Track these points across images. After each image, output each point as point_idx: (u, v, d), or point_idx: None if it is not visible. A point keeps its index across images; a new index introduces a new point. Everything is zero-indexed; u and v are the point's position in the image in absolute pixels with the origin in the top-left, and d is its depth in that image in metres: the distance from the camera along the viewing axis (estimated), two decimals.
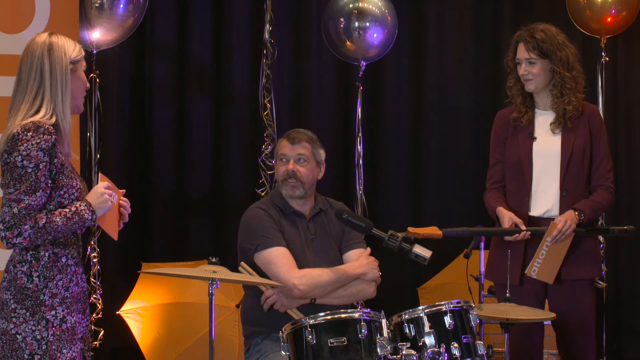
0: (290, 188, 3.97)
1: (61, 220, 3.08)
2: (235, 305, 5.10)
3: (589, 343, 4.11)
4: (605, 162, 4.11)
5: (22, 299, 3.11)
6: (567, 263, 4.02)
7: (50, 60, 3.17)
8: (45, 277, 3.13)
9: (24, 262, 3.13)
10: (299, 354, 3.30)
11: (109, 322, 5.46)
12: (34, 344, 3.10)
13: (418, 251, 3.64)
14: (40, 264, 3.13)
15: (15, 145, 3.07)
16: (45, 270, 3.13)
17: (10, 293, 3.12)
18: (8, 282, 3.14)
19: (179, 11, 6.15)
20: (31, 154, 3.07)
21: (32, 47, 3.20)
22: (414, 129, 6.49)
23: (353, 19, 5.59)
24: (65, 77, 3.18)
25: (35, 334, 3.10)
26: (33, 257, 3.13)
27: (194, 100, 6.17)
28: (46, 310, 3.12)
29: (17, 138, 3.08)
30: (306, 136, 4.03)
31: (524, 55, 4.10)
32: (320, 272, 3.86)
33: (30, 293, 3.11)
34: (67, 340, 3.15)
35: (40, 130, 3.08)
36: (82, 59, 3.26)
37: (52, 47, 3.18)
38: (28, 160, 3.06)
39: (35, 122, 3.10)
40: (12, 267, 3.15)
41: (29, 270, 3.12)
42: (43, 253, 3.14)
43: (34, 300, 3.11)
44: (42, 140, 3.08)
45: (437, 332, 3.36)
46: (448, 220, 4.45)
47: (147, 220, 6.07)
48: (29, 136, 3.07)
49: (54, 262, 3.15)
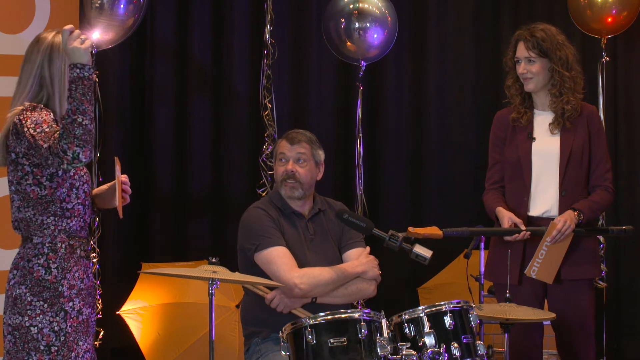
0: (289, 188, 3.97)
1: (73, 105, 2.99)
2: (235, 305, 5.10)
3: (588, 343, 4.11)
4: (604, 162, 4.11)
5: (39, 291, 3.12)
6: (567, 263, 4.02)
7: (50, 70, 3.18)
8: (63, 269, 3.15)
9: (41, 255, 3.15)
10: (299, 354, 3.30)
11: (109, 322, 5.46)
12: (52, 335, 3.11)
13: (419, 251, 3.64)
14: (58, 255, 3.15)
15: (22, 125, 3.08)
16: (63, 261, 3.16)
17: (26, 287, 3.13)
18: (22, 276, 3.15)
19: (179, 11, 6.15)
20: (38, 121, 3.06)
21: (34, 53, 3.19)
22: (414, 129, 6.48)
23: (353, 19, 5.60)
24: (65, 86, 3.18)
25: (53, 325, 3.12)
26: (50, 250, 3.15)
27: (194, 100, 6.17)
28: (65, 301, 3.14)
29: (20, 119, 3.09)
30: (305, 137, 4.04)
31: (523, 53, 4.11)
32: (320, 271, 3.86)
33: (49, 284, 3.13)
34: (83, 332, 3.18)
35: (38, 108, 3.12)
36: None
37: (53, 55, 3.18)
38: (41, 119, 3.06)
39: (30, 104, 3.12)
40: (26, 262, 3.16)
41: (46, 263, 3.14)
42: (60, 245, 3.16)
43: (52, 292, 3.13)
44: (44, 113, 3.11)
45: (437, 332, 3.36)
46: (448, 220, 4.46)
47: (147, 220, 6.07)
48: (29, 113, 3.10)
49: (71, 254, 3.18)
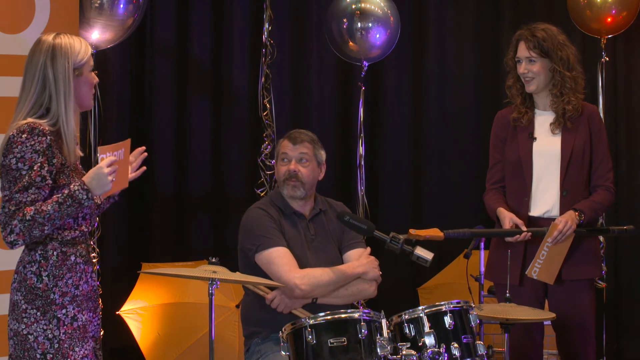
0: (291, 188, 3.97)
1: (52, 207, 3.05)
2: (235, 305, 5.10)
3: (589, 343, 4.11)
4: (605, 162, 4.11)
5: (32, 299, 3.12)
6: (568, 263, 4.02)
7: (53, 70, 3.15)
8: (54, 276, 3.13)
9: (33, 262, 3.14)
10: (299, 354, 3.30)
11: (109, 322, 5.45)
12: (46, 343, 3.10)
13: (420, 253, 3.64)
14: (49, 263, 3.13)
15: (11, 147, 3.08)
16: (55, 269, 3.14)
17: (21, 294, 3.13)
18: (18, 283, 3.15)
19: (179, 11, 6.14)
20: (25, 156, 3.07)
21: (36, 54, 3.18)
22: (415, 129, 6.48)
23: (356, 19, 5.59)
24: (69, 87, 3.16)
25: (47, 333, 3.11)
26: (42, 257, 3.14)
27: (194, 100, 6.17)
28: (57, 308, 3.12)
29: (12, 140, 3.08)
30: (308, 136, 4.04)
31: (524, 53, 4.10)
32: (321, 272, 3.86)
33: (41, 293, 3.12)
34: (79, 338, 3.16)
35: (34, 132, 3.08)
36: (88, 60, 3.23)
37: (55, 56, 3.15)
38: (22, 163, 3.06)
39: (31, 123, 3.10)
40: (22, 267, 3.16)
41: (38, 270, 3.13)
42: (51, 252, 3.14)
43: (44, 300, 3.12)
44: (37, 142, 3.08)
45: (437, 332, 3.36)
46: (449, 221, 4.47)
47: (147, 220, 6.07)
48: (23, 138, 3.07)
49: (63, 261, 3.16)
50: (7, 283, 3.32)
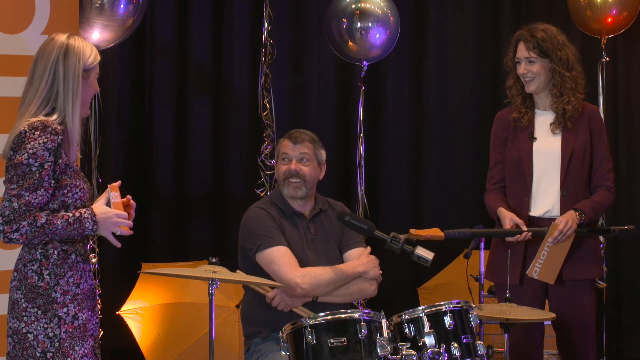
0: (293, 188, 3.97)
1: (61, 224, 3.09)
2: (235, 305, 5.10)
3: (589, 343, 4.11)
4: (606, 162, 4.11)
5: (33, 297, 3.12)
6: (568, 263, 4.02)
7: (64, 66, 3.17)
8: (56, 275, 3.14)
9: (34, 261, 3.14)
10: (299, 354, 3.30)
11: (109, 322, 5.45)
12: (47, 341, 3.10)
13: (420, 253, 3.65)
14: (50, 262, 3.14)
15: (22, 143, 3.09)
16: (56, 267, 3.14)
17: (21, 292, 3.13)
18: (18, 281, 3.15)
19: (179, 11, 6.14)
20: (37, 153, 3.08)
21: (49, 48, 3.20)
22: (415, 129, 6.49)
23: (355, 19, 5.59)
24: (77, 85, 3.18)
25: (48, 332, 3.11)
26: (43, 256, 3.14)
27: (194, 100, 6.17)
28: (58, 307, 3.13)
29: (25, 136, 3.09)
30: (308, 136, 4.04)
31: (524, 54, 4.10)
32: (322, 271, 3.86)
33: (42, 291, 3.12)
34: (79, 337, 3.16)
35: (47, 130, 3.10)
36: (95, 66, 3.26)
37: (68, 53, 3.18)
38: (34, 159, 3.08)
39: (43, 121, 3.12)
40: (22, 266, 3.16)
41: (39, 269, 3.13)
42: (52, 251, 3.15)
43: (45, 298, 3.12)
44: (49, 140, 3.10)
45: (437, 332, 3.36)
46: (449, 221, 4.46)
47: (147, 220, 6.06)
48: (36, 135, 3.09)
49: (64, 259, 3.16)
50: (6, 283, 3.32)
